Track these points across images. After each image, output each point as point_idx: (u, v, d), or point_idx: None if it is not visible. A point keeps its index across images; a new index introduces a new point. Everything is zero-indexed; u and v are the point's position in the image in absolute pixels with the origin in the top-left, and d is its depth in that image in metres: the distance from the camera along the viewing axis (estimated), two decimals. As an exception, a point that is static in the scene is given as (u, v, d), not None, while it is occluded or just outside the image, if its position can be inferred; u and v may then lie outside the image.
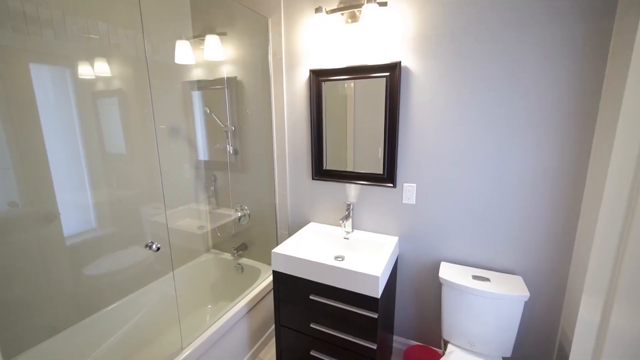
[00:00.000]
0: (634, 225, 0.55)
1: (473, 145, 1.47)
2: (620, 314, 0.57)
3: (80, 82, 1.65)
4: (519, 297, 1.32)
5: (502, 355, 1.41)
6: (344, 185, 1.82)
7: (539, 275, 1.45)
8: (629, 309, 0.54)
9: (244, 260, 2.27)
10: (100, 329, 1.69)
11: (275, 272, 1.58)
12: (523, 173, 1.40)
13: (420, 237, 1.68)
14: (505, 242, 1.49)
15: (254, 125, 2.06)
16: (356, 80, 1.66)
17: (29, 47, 1.45)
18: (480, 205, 1.51)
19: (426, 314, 1.76)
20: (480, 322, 1.41)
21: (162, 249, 1.79)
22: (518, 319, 1.35)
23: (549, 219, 1.39)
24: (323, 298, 1.46)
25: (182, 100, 2.18)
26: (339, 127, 1.78)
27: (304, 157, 1.92)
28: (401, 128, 1.61)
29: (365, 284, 1.33)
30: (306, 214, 2.00)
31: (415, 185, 1.64)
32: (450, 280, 1.44)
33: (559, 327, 1.46)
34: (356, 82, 1.67)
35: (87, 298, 1.70)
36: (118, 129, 1.85)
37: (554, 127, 1.32)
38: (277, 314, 1.62)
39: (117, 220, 1.85)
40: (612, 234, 0.61)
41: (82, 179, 1.70)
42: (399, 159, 1.65)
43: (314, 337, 1.53)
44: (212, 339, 1.54)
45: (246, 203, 2.20)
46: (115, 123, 1.83)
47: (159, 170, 1.92)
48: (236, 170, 2.19)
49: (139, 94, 1.89)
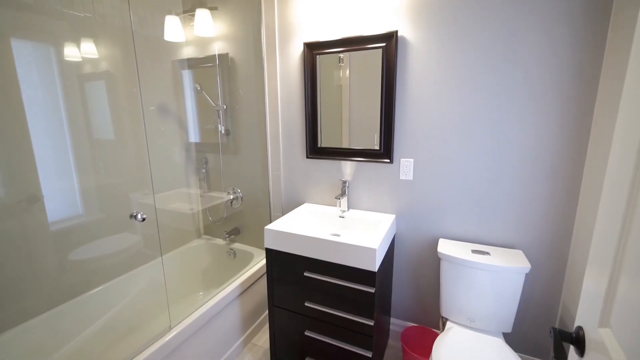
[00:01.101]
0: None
1: (472, 117, 1.43)
2: (627, 284, 0.53)
3: (65, 62, 1.59)
4: (519, 269, 1.28)
5: (502, 331, 1.37)
6: (340, 162, 1.77)
7: (539, 249, 1.42)
8: (637, 277, 0.51)
9: (236, 245, 2.20)
10: (86, 312, 1.62)
11: (268, 250, 1.52)
12: (523, 145, 1.37)
13: (418, 214, 1.63)
14: (505, 216, 1.45)
15: (247, 104, 2.00)
16: (351, 53, 1.61)
17: (8, 20, 1.37)
18: (479, 180, 1.47)
19: (424, 294, 1.71)
20: (480, 297, 1.36)
21: (147, 221, 1.74)
22: (519, 293, 1.31)
23: (549, 191, 1.36)
24: (318, 274, 1.40)
25: (172, 80, 2.11)
26: (334, 102, 1.73)
27: (298, 135, 1.86)
28: (398, 102, 1.57)
29: (362, 257, 1.28)
30: (300, 194, 1.94)
31: (412, 160, 1.59)
32: (449, 254, 1.40)
33: (559, 302, 1.43)
34: (351, 55, 1.62)
35: (72, 282, 1.63)
36: (106, 111, 1.78)
37: (554, 98, 1.28)
38: (270, 294, 1.56)
39: (105, 207, 1.78)
40: (618, 201, 0.59)
41: (67, 164, 1.64)
42: (395, 133, 1.61)
43: (309, 316, 1.48)
44: (202, 319, 1.48)
45: (238, 186, 2.14)
46: (102, 106, 1.77)
47: (147, 153, 1.87)
48: (228, 151, 2.12)
49: (127, 76, 1.82)
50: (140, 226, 1.97)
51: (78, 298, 1.61)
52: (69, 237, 1.63)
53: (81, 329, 1.58)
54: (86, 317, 1.61)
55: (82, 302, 1.61)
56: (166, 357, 1.32)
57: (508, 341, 1.56)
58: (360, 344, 1.38)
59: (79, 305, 1.60)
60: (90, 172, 1.72)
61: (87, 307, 1.63)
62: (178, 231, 2.21)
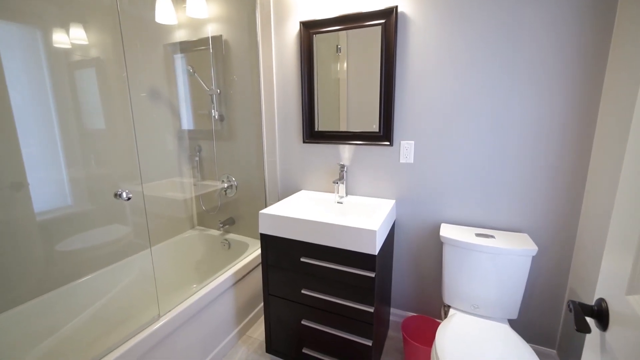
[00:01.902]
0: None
1: (474, 96, 1.37)
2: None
3: (53, 45, 1.52)
4: (526, 252, 1.22)
5: (507, 317, 1.31)
6: (338, 146, 1.71)
7: (545, 231, 1.36)
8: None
9: (231, 235, 2.13)
10: (75, 300, 1.56)
11: (263, 236, 1.45)
12: (527, 125, 1.31)
13: (419, 198, 1.57)
14: (509, 199, 1.40)
15: (241, 88, 1.93)
16: (349, 31, 1.55)
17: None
18: (482, 162, 1.41)
19: (425, 282, 1.65)
20: (485, 282, 1.30)
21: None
22: (525, 277, 1.26)
23: (555, 172, 1.30)
24: (315, 260, 1.34)
25: (164, 65, 2.03)
26: (332, 84, 1.66)
27: (295, 120, 1.79)
28: (398, 82, 1.51)
29: (362, 240, 1.22)
30: (297, 181, 1.87)
31: (413, 142, 1.53)
32: (452, 237, 1.34)
33: (566, 287, 1.37)
34: (349, 33, 1.55)
35: (61, 271, 1.57)
36: (95, 98, 1.71)
37: (559, 73, 1.23)
38: (265, 282, 1.50)
39: (95, 197, 1.71)
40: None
41: (55, 153, 1.57)
42: (395, 115, 1.54)
43: (306, 304, 1.41)
44: (193, 309, 1.40)
45: (233, 173, 2.07)
46: (92, 92, 1.70)
47: (134, 139, 1.80)
48: (222, 138, 2.05)
49: (116, 60, 1.75)
50: (131, 216, 1.90)
51: (66, 286, 1.54)
52: (57, 228, 1.57)
53: (69, 318, 1.51)
54: (75, 306, 1.55)
55: (71, 290, 1.55)
56: (154, 347, 1.25)
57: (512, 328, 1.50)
58: (360, 333, 1.31)
59: (67, 293, 1.53)
60: (79, 161, 1.66)
61: (76, 295, 1.56)
62: (170, 221, 2.13)
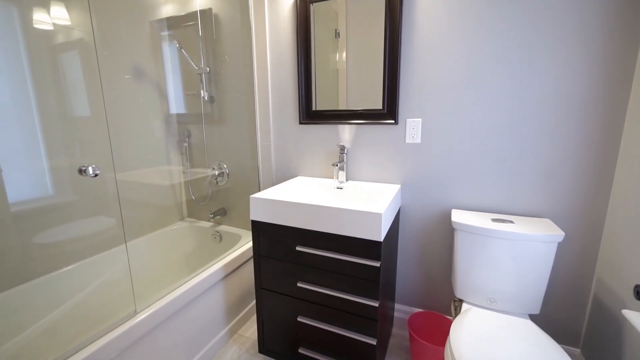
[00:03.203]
0: None
1: (488, 71, 1.23)
2: None
3: (30, 25, 1.38)
4: (551, 237, 1.08)
5: (528, 312, 1.17)
6: (337, 127, 1.56)
7: (569, 217, 1.22)
8: None
9: (222, 227, 1.98)
10: (49, 296, 1.41)
11: (254, 223, 1.30)
12: (549, 98, 1.17)
13: (427, 182, 1.43)
14: (529, 182, 1.25)
15: (232, 66, 1.78)
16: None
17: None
18: (498, 140, 1.27)
19: (433, 275, 1.51)
20: (503, 272, 1.16)
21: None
22: (549, 267, 1.11)
23: (581, 150, 1.16)
24: (312, 249, 1.19)
25: (150, 43, 1.88)
26: (330, 58, 1.52)
27: (290, 99, 1.65)
28: (404, 52, 1.36)
29: (366, 225, 1.07)
30: (293, 167, 1.73)
31: (420, 120, 1.39)
32: (466, 223, 1.19)
33: (593, 278, 1.23)
34: (349, 2, 1.41)
35: (36, 264, 1.44)
36: (79, 81, 1.57)
37: (587, 39, 1.09)
38: (257, 275, 1.35)
39: (78, 187, 1.57)
40: None
41: (35, 140, 1.44)
42: (401, 90, 1.40)
43: (302, 299, 1.26)
44: (176, 304, 1.26)
45: (224, 160, 1.92)
46: (74, 73, 1.56)
47: (125, 130, 1.70)
48: (212, 121, 1.90)
49: (100, 38, 1.62)
50: (115, 207, 1.75)
51: (41, 279, 1.40)
52: (36, 218, 1.43)
53: (42, 314, 1.37)
54: (50, 301, 1.41)
55: (46, 284, 1.41)
56: (132, 346, 1.10)
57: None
58: (363, 330, 1.17)
59: (42, 287, 1.40)
60: (60, 149, 1.52)
61: (50, 290, 1.42)
62: (157, 212, 1.98)
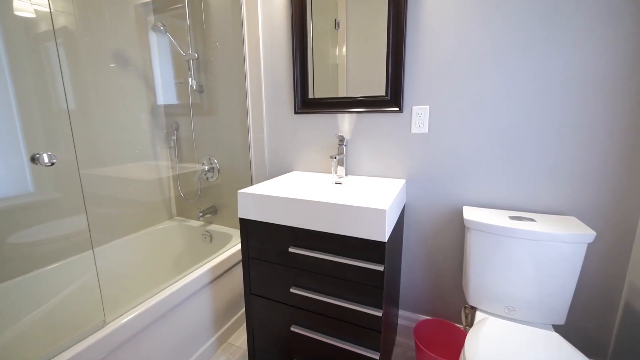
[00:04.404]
0: None
1: (505, 53, 1.09)
2: None
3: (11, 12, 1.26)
4: (580, 237, 0.94)
5: (552, 323, 1.03)
6: (336, 116, 1.42)
7: (597, 215, 1.08)
8: None
9: (213, 227, 1.85)
10: (17, 302, 1.27)
11: (243, 221, 1.17)
12: (574, 88, 1.03)
13: (435, 176, 1.29)
14: (551, 175, 1.12)
15: (222, 53, 1.65)
16: (350, -29, 1.27)
17: None
18: (514, 128, 1.13)
19: (441, 279, 1.37)
20: (523, 277, 1.02)
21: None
22: (577, 270, 0.97)
23: (611, 140, 1.02)
24: (307, 250, 1.06)
25: (136, 29, 1.75)
26: (329, 41, 1.38)
27: (285, 86, 1.51)
28: (409, 31, 1.23)
29: (368, 223, 0.93)
30: (288, 161, 1.59)
31: (427, 107, 1.25)
32: (480, 221, 1.06)
33: (624, 283, 1.09)
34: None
35: (9, 267, 1.30)
36: (57, 70, 1.45)
37: (615, 19, 0.95)
38: (247, 279, 1.21)
39: (61, 184, 1.45)
40: None
41: (14, 134, 1.30)
42: (406, 74, 1.26)
43: (295, 306, 1.13)
44: (157, 310, 1.12)
45: (215, 154, 1.79)
46: (55, 66, 1.44)
47: (109, 122, 1.60)
48: (202, 112, 1.77)
49: (84, 31, 1.50)
50: (98, 206, 1.62)
51: (13, 281, 1.27)
52: (14, 216, 1.31)
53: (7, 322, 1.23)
54: (19, 307, 1.27)
55: (17, 286, 1.28)
56: (104, 358, 0.97)
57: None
58: (364, 342, 1.03)
59: (14, 289, 1.27)
60: (42, 143, 1.39)
61: (22, 293, 1.29)
62: (143, 211, 1.85)
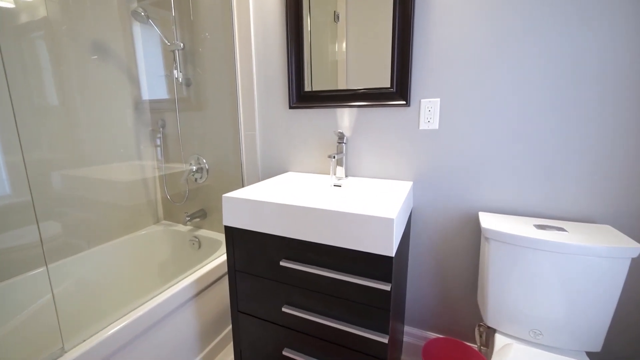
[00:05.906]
0: None
1: (528, 38, 0.95)
2: None
3: None
4: (624, 252, 0.80)
5: (586, 350, 0.89)
6: (335, 111, 1.28)
7: (635, 222, 0.94)
8: None
9: (202, 232, 1.70)
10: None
11: (228, 230, 1.03)
12: (611, 80, 0.89)
13: (446, 178, 1.15)
14: (580, 177, 0.97)
15: (211, 43, 1.51)
16: (351, -52, 1.13)
17: None
18: (537, 124, 0.99)
19: (452, 294, 1.23)
20: (553, 296, 0.88)
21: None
22: (619, 290, 0.83)
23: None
24: (301, 264, 0.91)
25: (118, 17, 1.61)
26: (327, 26, 1.24)
27: (279, 79, 1.37)
28: (418, 15, 1.09)
29: (372, 234, 0.79)
30: (282, 161, 1.45)
31: (438, 100, 1.11)
32: (501, 231, 0.91)
33: (668, 304, 0.95)
34: (351, -48, 1.14)
35: None
36: (37, 65, 1.32)
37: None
38: (233, 295, 1.07)
39: (38, 185, 1.33)
40: None
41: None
42: (414, 63, 1.12)
43: (288, 327, 0.98)
44: (132, 330, 0.98)
45: (203, 154, 1.64)
46: (31, 59, 1.31)
47: (90, 119, 1.47)
48: (189, 108, 1.63)
49: (63, 21, 1.36)
50: (75, 209, 1.48)
51: None
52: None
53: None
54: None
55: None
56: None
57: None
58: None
59: None
60: (15, 142, 1.26)
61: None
62: (127, 214, 1.70)
